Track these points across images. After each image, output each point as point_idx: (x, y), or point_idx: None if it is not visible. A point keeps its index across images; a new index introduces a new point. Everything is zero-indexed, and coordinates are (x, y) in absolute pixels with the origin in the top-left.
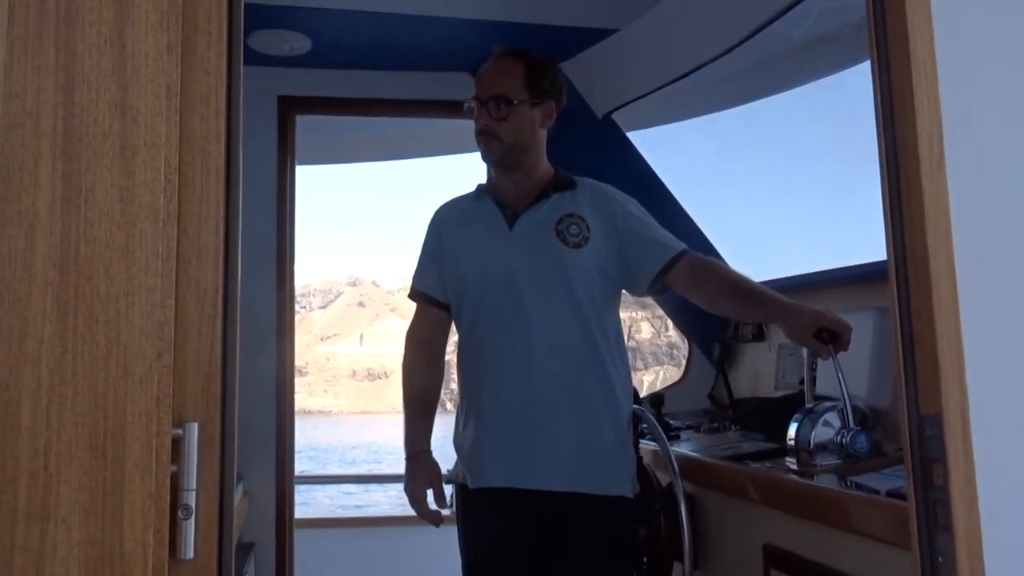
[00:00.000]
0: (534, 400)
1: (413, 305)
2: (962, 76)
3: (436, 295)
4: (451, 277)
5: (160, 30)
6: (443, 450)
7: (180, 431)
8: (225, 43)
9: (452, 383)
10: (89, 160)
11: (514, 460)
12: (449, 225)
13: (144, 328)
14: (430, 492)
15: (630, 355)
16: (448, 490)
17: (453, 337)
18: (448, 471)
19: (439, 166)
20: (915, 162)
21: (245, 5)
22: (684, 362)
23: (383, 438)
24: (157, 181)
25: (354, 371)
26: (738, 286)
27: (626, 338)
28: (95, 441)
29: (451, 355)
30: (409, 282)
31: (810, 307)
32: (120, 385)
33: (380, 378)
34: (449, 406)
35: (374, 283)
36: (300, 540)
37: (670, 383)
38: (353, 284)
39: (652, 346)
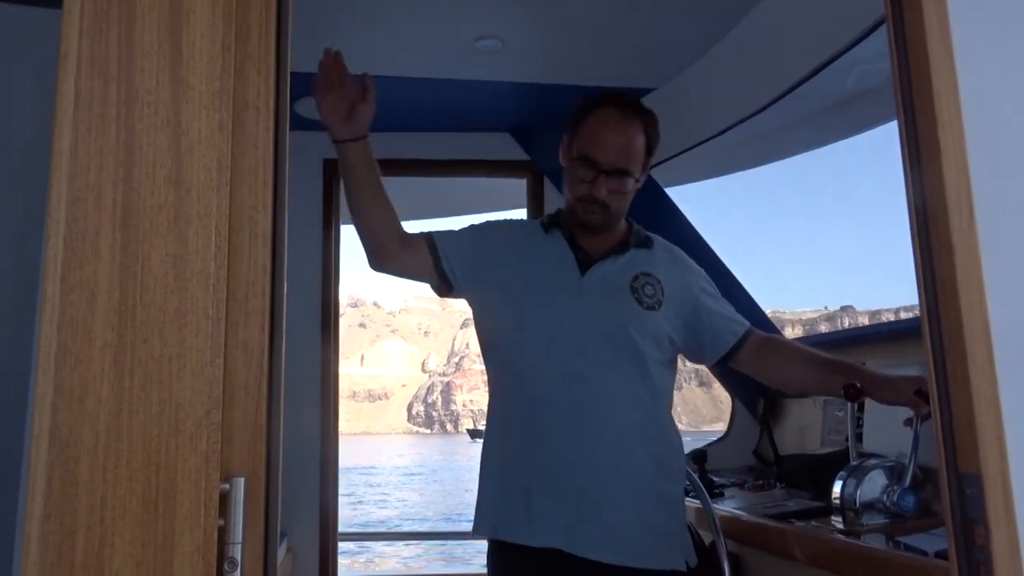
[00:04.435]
0: (595, 464)
1: (415, 327)
2: (991, 139)
3: (443, 247)
4: (498, 296)
5: (212, 109)
6: (449, 467)
7: (227, 486)
8: (272, 118)
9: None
10: (145, 231)
11: (567, 524)
12: (510, 238)
13: (195, 387)
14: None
15: None
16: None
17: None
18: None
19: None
20: (944, 220)
21: (293, 74)
22: (683, 384)
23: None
24: (208, 249)
25: (354, 392)
26: (818, 358)
27: None
28: (148, 496)
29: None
30: (409, 303)
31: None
32: (172, 442)
33: (380, 399)
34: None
35: (375, 304)
36: None
37: (713, 440)
38: (354, 305)
39: None
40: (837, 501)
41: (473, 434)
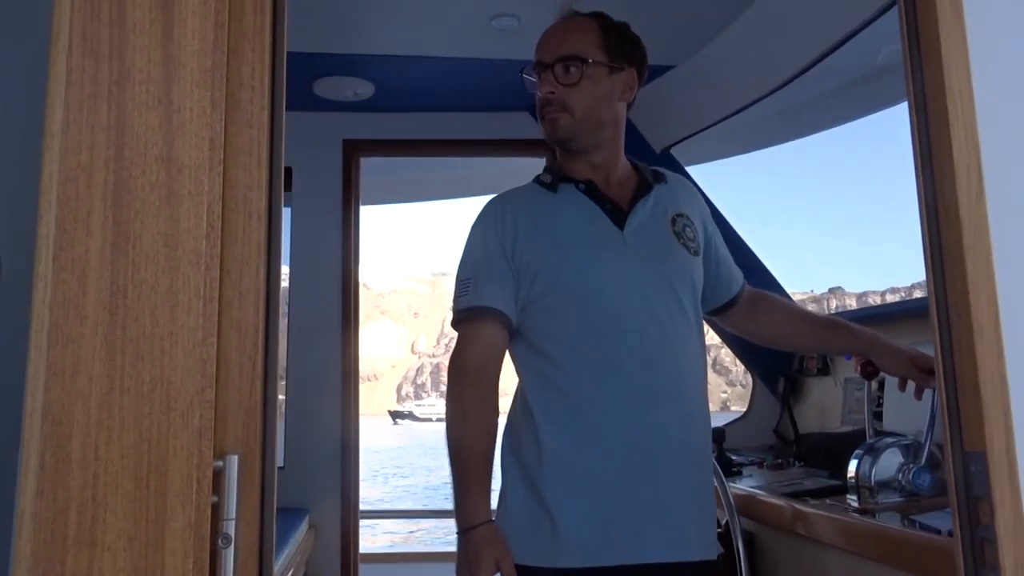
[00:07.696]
0: (659, 451)
1: (404, 308)
2: (1000, 109)
3: (508, 311)
4: (540, 286)
5: (204, 87)
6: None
7: (221, 463)
8: (268, 97)
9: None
10: (137, 209)
11: (634, 528)
12: (526, 220)
13: (186, 365)
14: None
15: None
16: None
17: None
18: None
19: None
20: (953, 195)
21: (312, 55)
22: None
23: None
24: (200, 227)
25: None
26: (814, 316)
27: None
28: (139, 473)
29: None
30: (399, 284)
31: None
32: (163, 419)
33: (369, 380)
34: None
35: (365, 285)
36: (365, 574)
37: (734, 419)
38: None
39: None
40: (852, 480)
41: (396, 416)
